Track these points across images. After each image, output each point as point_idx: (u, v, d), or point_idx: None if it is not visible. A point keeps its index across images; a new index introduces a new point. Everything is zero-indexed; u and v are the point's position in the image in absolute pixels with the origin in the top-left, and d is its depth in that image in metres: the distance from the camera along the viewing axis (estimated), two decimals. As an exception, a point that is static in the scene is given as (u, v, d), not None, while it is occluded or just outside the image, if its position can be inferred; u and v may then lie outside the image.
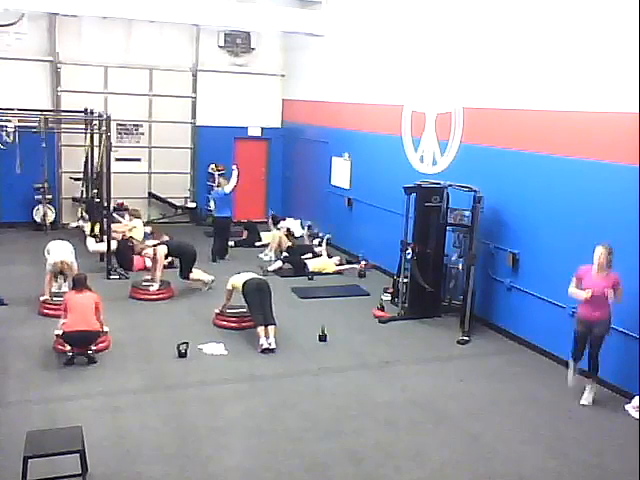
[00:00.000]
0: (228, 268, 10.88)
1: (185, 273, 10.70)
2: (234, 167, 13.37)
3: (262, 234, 14.03)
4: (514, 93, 9.08)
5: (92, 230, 12.54)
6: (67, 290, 9.48)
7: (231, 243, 13.69)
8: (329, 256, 12.60)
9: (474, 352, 8.74)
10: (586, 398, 7.26)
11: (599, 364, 7.23)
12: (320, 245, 13.03)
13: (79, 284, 8.12)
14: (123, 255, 11.64)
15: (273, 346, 8.37)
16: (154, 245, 10.98)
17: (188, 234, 13.93)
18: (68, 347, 7.70)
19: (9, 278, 10.79)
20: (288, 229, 14.22)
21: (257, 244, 13.83)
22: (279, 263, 12.21)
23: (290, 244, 13.20)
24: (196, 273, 10.80)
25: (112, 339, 8.28)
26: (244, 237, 14.15)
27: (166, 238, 12.33)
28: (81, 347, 7.75)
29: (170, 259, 10.97)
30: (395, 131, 11.72)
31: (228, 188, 13.02)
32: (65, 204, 15.11)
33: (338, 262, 12.46)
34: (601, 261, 6.97)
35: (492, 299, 9.53)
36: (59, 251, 9.55)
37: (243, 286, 8.82)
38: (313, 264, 12.13)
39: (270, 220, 14.52)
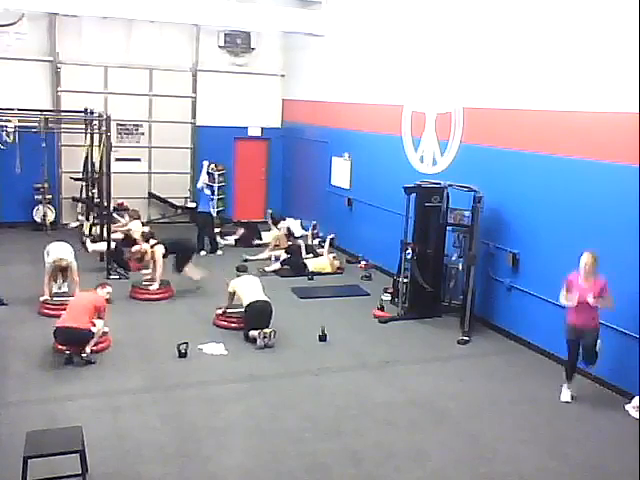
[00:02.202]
0: (225, 266, 10.85)
1: (180, 267, 10.67)
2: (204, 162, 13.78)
3: (263, 234, 14.03)
4: (514, 93, 9.08)
5: (90, 230, 12.53)
6: (66, 290, 9.55)
7: (231, 242, 13.73)
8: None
9: (474, 352, 8.74)
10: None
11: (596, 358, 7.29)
12: (322, 246, 13.01)
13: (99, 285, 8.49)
14: (120, 255, 11.61)
15: (267, 339, 8.46)
16: (152, 245, 10.87)
17: (188, 234, 13.93)
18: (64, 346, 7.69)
19: (9, 278, 10.79)
20: (288, 229, 14.22)
21: (255, 242, 13.82)
22: (277, 265, 12.15)
23: (290, 243, 13.21)
24: (190, 269, 10.74)
25: (112, 339, 8.29)
26: (238, 236, 14.13)
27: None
28: (70, 345, 7.71)
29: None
30: (395, 131, 11.72)
31: (199, 183, 13.45)
32: (65, 204, 15.12)
33: (339, 265, 12.44)
34: (587, 268, 6.96)
35: (492, 299, 9.53)
36: (58, 251, 9.54)
37: (247, 306, 8.80)
38: (313, 264, 12.12)
39: (269, 219, 14.53)
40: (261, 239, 13.93)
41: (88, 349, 7.74)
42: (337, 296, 10.88)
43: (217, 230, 14.03)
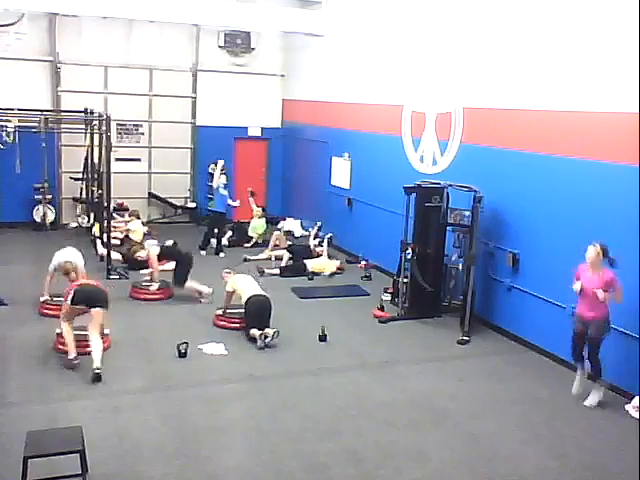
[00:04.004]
0: (222, 265, 10.83)
1: (179, 280, 10.16)
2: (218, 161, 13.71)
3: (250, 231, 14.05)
4: (514, 93, 9.08)
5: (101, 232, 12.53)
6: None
7: (225, 242, 13.76)
8: (329, 257, 12.57)
9: (474, 352, 8.74)
10: (590, 400, 7.23)
11: (601, 366, 7.21)
12: (321, 245, 13.01)
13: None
14: (131, 256, 11.63)
15: (269, 339, 8.46)
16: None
17: (188, 234, 13.96)
18: (72, 353, 7.50)
19: (9, 278, 10.78)
20: (288, 230, 14.22)
21: (246, 245, 13.80)
22: (277, 270, 12.08)
23: (290, 243, 13.21)
24: (193, 283, 10.22)
25: (112, 339, 8.28)
26: (228, 238, 14.14)
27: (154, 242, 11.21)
28: (88, 304, 7.53)
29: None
30: (395, 131, 11.72)
31: (214, 183, 13.50)
32: (65, 204, 15.13)
33: (339, 266, 12.43)
34: (591, 260, 6.99)
35: (492, 299, 9.53)
36: (63, 255, 9.40)
37: (246, 301, 8.80)
38: (313, 264, 12.11)
39: (250, 196, 14.47)
40: (250, 237, 13.95)
41: (98, 362, 7.28)
42: (337, 296, 10.88)
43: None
